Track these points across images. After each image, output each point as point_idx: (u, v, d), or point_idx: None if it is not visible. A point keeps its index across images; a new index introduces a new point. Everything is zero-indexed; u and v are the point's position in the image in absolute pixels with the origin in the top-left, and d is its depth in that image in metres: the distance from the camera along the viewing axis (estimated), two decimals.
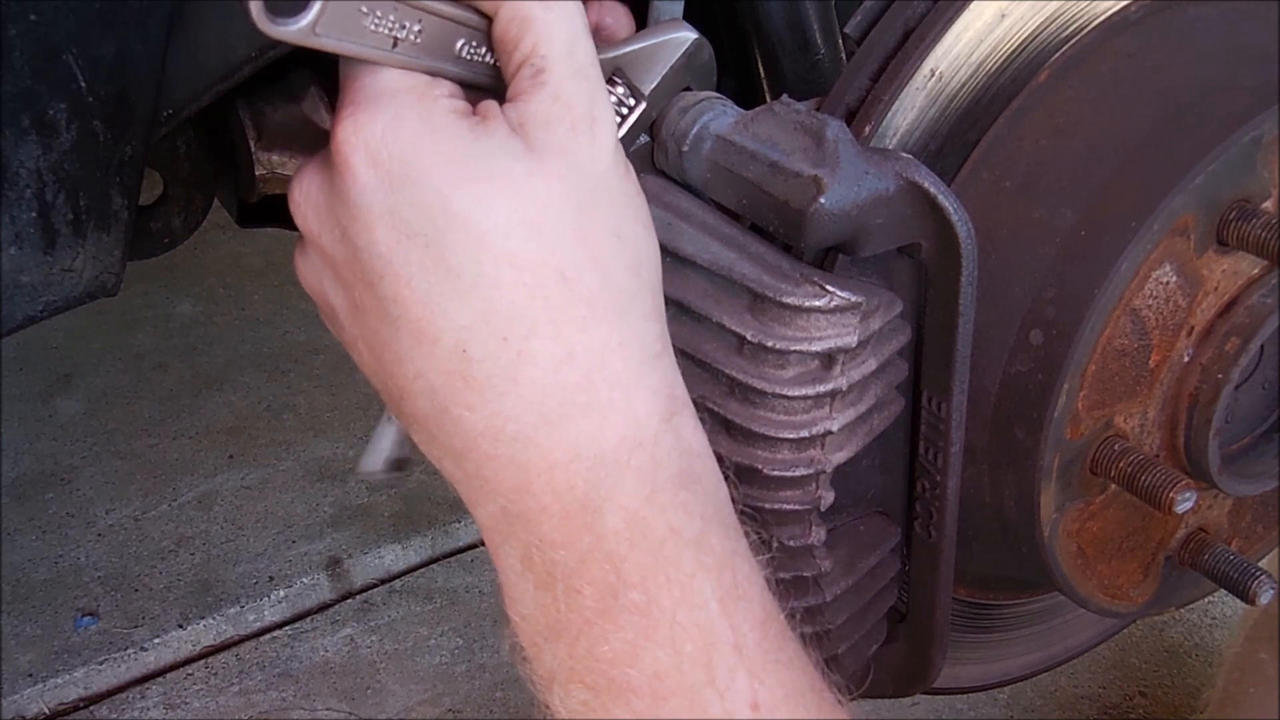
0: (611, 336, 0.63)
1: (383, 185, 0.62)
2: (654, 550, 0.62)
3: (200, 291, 2.89)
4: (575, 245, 0.62)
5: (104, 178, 0.76)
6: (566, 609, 0.63)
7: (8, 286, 0.75)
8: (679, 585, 0.62)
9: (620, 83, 0.72)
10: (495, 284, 0.61)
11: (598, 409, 0.62)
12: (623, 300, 0.63)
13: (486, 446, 0.63)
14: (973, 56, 0.75)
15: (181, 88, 0.81)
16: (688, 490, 0.64)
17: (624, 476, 0.62)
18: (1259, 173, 0.75)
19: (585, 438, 0.62)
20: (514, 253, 0.61)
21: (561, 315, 0.62)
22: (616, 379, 0.63)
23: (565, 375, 0.62)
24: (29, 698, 1.99)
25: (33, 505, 2.34)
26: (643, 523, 0.62)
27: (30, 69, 0.69)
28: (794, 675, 0.65)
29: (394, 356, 0.64)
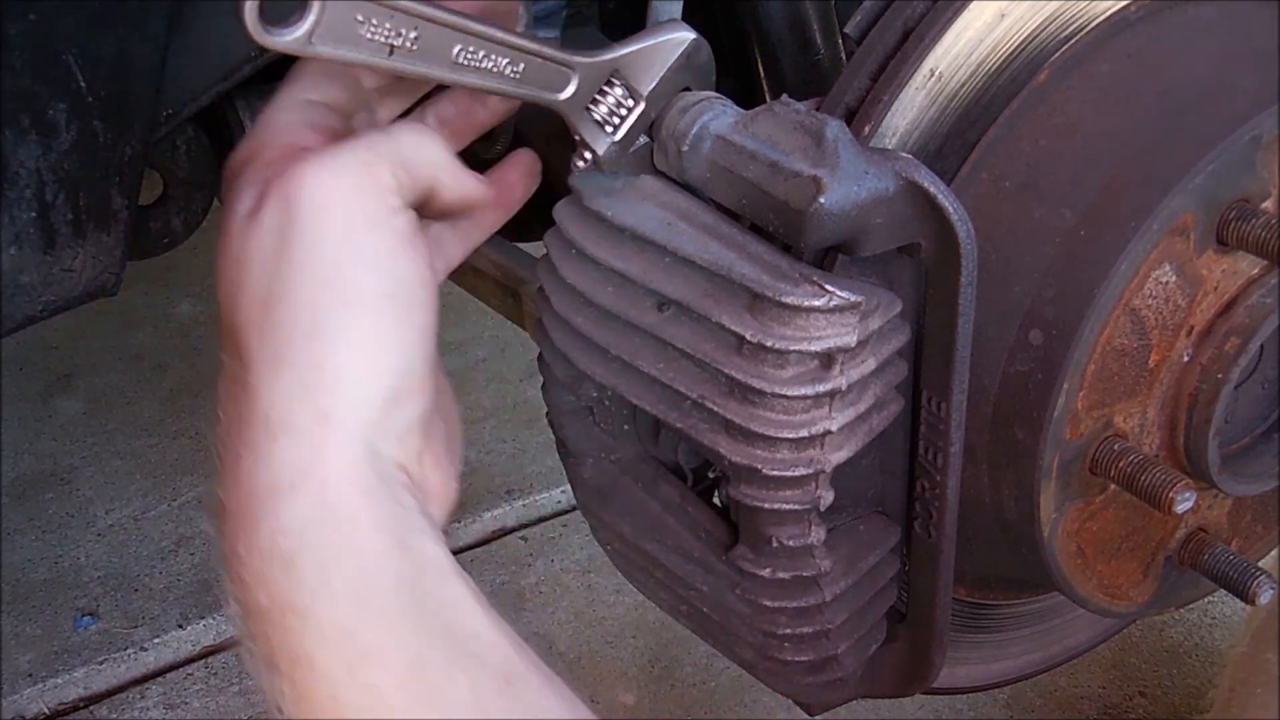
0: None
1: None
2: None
3: (200, 291, 2.89)
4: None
5: (104, 178, 0.76)
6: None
7: (8, 286, 0.75)
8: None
9: (618, 84, 0.72)
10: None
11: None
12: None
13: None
14: (972, 56, 0.75)
15: (181, 88, 0.81)
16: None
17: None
18: (1259, 173, 0.75)
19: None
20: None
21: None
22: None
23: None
24: (29, 698, 1.99)
25: (33, 505, 2.34)
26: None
27: (30, 69, 0.70)
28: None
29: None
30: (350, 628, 0.62)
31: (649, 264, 0.72)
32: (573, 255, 0.76)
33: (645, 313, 0.73)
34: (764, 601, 0.76)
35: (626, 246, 0.73)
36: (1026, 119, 0.77)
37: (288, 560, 0.63)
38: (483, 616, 0.67)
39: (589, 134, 0.73)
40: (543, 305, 0.79)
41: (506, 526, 2.32)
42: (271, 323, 0.67)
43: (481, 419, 2.52)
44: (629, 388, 0.75)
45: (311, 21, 0.61)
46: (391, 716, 0.62)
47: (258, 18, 0.60)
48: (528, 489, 2.38)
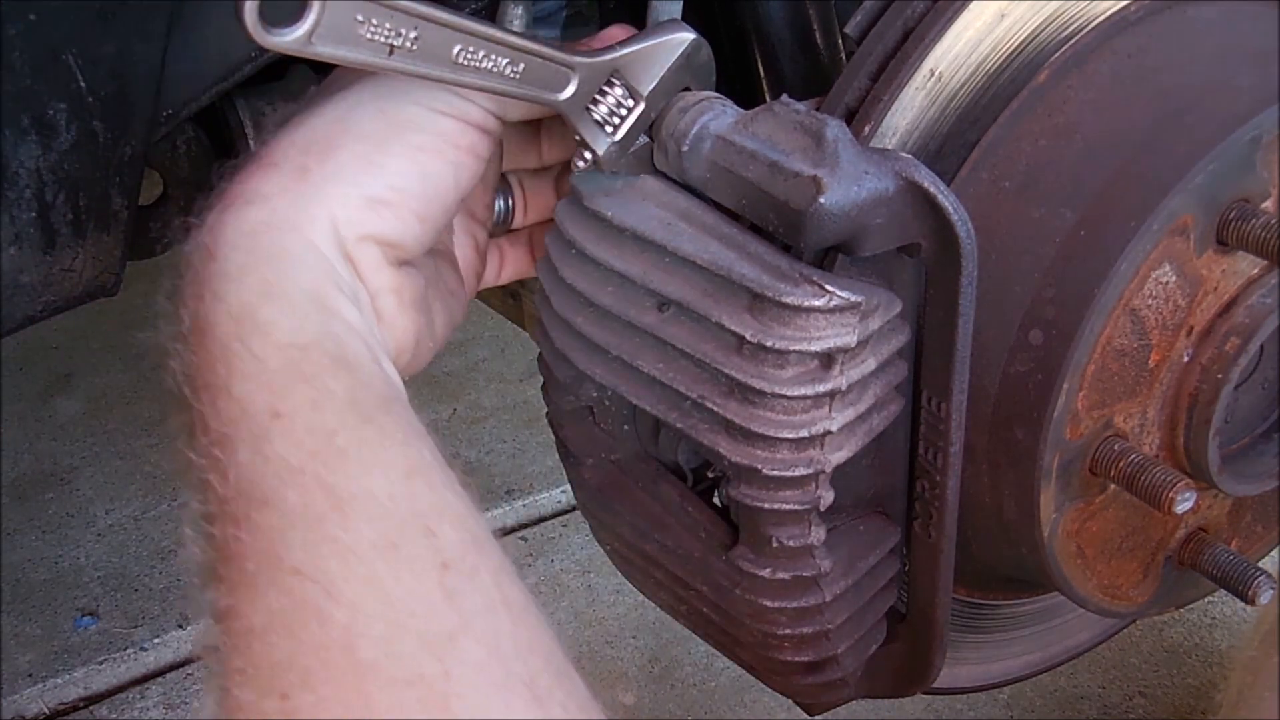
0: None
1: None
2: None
3: None
4: None
5: (104, 178, 0.76)
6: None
7: (8, 286, 0.75)
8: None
9: (618, 84, 0.72)
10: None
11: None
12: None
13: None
14: (972, 56, 0.75)
15: (181, 88, 0.81)
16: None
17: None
18: (1259, 173, 0.75)
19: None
20: None
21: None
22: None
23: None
24: (29, 698, 1.99)
25: (33, 505, 2.34)
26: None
27: (30, 69, 0.70)
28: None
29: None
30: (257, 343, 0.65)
31: (649, 264, 0.72)
32: (573, 255, 0.76)
33: (645, 313, 0.73)
34: (764, 602, 0.76)
35: (627, 246, 0.73)
36: (1026, 119, 0.77)
37: (225, 269, 0.66)
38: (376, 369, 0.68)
39: (589, 134, 0.73)
40: (543, 305, 0.79)
41: (506, 526, 2.32)
42: (328, 99, 0.73)
43: (481, 419, 2.52)
44: (629, 388, 0.75)
45: (311, 22, 0.61)
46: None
47: (257, 18, 0.60)
48: (528, 489, 2.38)
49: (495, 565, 0.63)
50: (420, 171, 0.72)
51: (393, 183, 0.71)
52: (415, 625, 0.58)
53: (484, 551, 0.63)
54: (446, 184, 0.73)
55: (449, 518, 0.62)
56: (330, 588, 0.57)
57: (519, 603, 0.63)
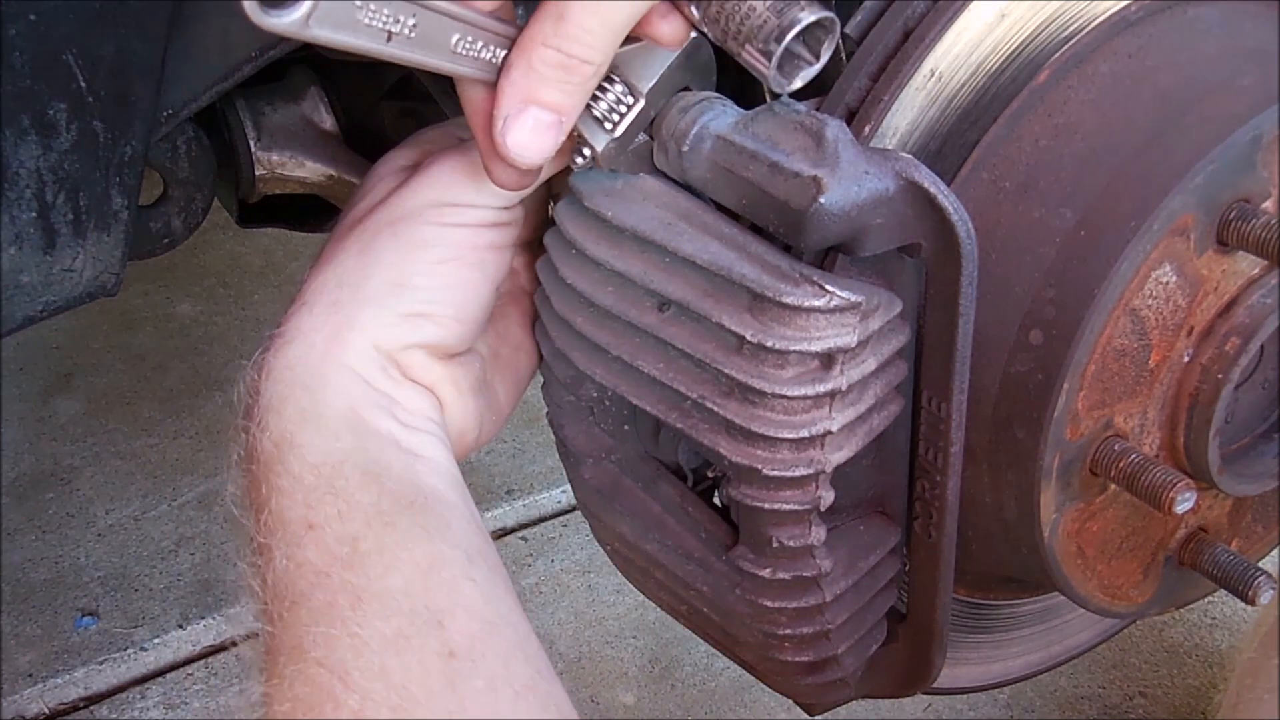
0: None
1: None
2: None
3: (200, 291, 2.89)
4: None
5: (104, 178, 0.76)
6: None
7: (8, 286, 0.75)
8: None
9: (618, 80, 0.72)
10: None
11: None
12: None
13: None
14: (973, 56, 0.75)
15: (181, 88, 0.81)
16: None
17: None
18: (1259, 173, 0.75)
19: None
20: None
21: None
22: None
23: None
24: (29, 698, 1.99)
25: (33, 505, 2.34)
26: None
27: (30, 69, 0.69)
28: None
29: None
30: (303, 481, 0.71)
31: (649, 264, 0.72)
32: (573, 255, 0.76)
33: (645, 313, 0.73)
34: (764, 602, 0.76)
35: (627, 246, 0.73)
36: (1026, 119, 0.77)
37: (269, 402, 0.74)
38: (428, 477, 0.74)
39: (588, 130, 0.73)
40: (543, 305, 0.79)
41: (506, 526, 2.32)
42: (349, 235, 0.79)
43: None
44: (629, 388, 0.75)
45: (309, 4, 0.61)
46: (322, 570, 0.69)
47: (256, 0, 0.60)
48: (528, 489, 2.38)
49: (504, 648, 0.69)
50: (446, 283, 0.77)
51: (423, 298, 0.76)
52: (417, 710, 0.64)
53: (493, 636, 0.69)
54: (475, 284, 0.78)
55: (461, 608, 0.69)
56: (345, 677, 0.65)
57: (524, 682, 0.69)
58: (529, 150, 0.69)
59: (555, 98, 0.68)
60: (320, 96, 1.20)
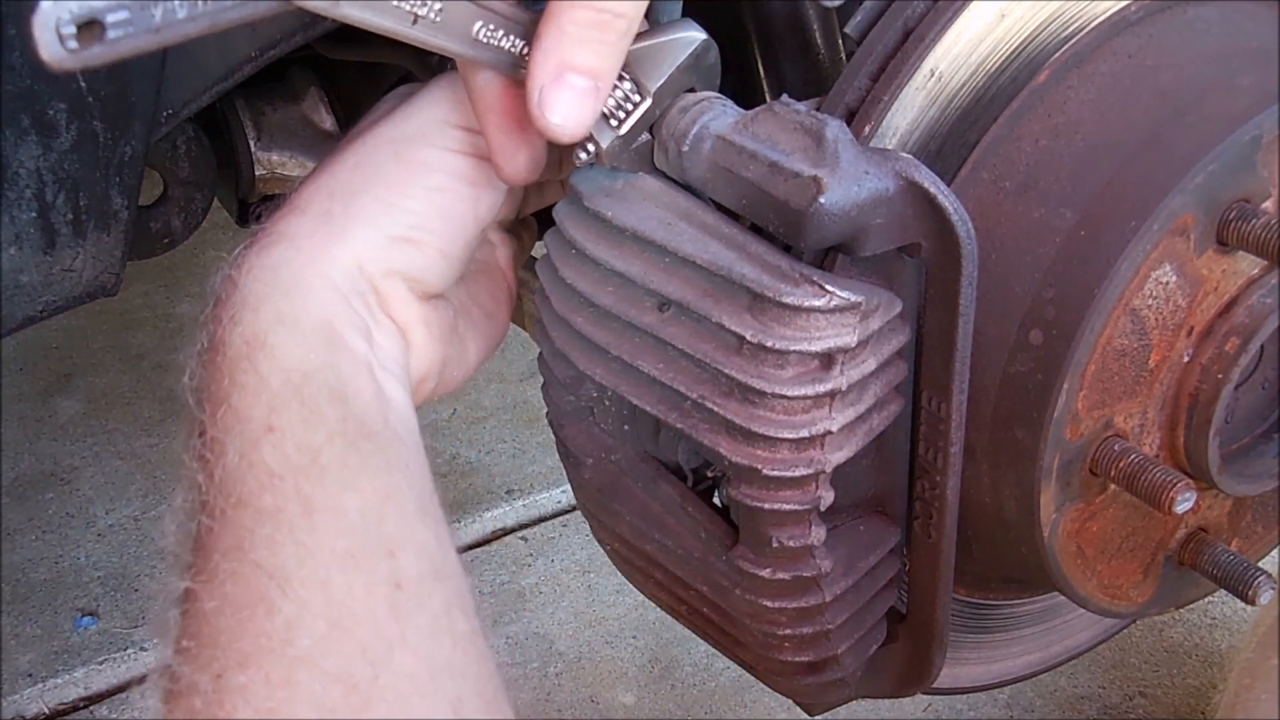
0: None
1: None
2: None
3: (200, 291, 2.88)
4: None
5: (104, 178, 0.76)
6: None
7: (8, 286, 0.75)
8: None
9: (626, 78, 0.72)
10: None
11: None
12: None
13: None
14: (973, 56, 0.75)
15: (181, 88, 0.81)
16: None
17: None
18: (1259, 173, 0.75)
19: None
20: None
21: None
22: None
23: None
24: (29, 698, 1.99)
25: (33, 505, 2.34)
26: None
27: (30, 69, 0.70)
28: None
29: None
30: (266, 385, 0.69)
31: (649, 264, 0.72)
32: (573, 255, 0.76)
33: (645, 313, 0.73)
34: (764, 602, 0.76)
35: (627, 246, 0.73)
36: (1026, 119, 0.77)
37: (244, 298, 0.71)
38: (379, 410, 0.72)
39: (595, 126, 0.73)
40: (543, 305, 0.79)
41: (506, 526, 2.32)
42: (348, 147, 0.77)
43: (481, 419, 2.52)
44: (629, 388, 0.75)
45: None
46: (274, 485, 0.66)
47: None
48: (528, 489, 2.38)
49: (449, 596, 0.67)
50: (438, 211, 0.75)
51: (413, 222, 0.74)
52: (356, 630, 0.62)
53: (441, 581, 0.67)
54: (466, 219, 0.77)
55: (413, 546, 0.67)
56: (284, 583, 0.62)
57: (464, 632, 0.67)
58: (569, 120, 0.67)
59: (590, 60, 0.66)
60: (320, 96, 1.20)
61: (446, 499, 0.73)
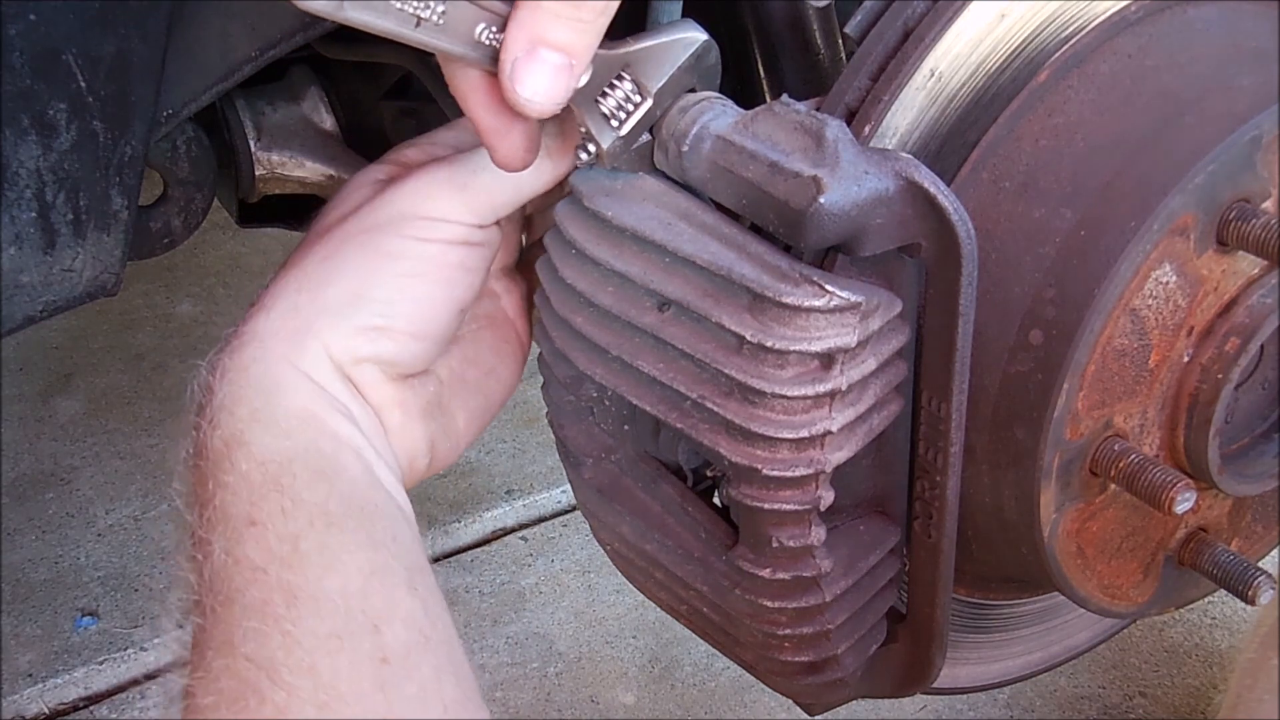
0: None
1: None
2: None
3: (200, 291, 2.89)
4: None
5: (104, 178, 0.76)
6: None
7: (8, 286, 0.75)
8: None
9: (627, 78, 0.72)
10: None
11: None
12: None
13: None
14: (973, 56, 0.75)
15: (181, 88, 0.81)
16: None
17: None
18: (1259, 173, 0.75)
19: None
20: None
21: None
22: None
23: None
24: (29, 698, 1.99)
25: (33, 505, 2.34)
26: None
27: (30, 69, 0.69)
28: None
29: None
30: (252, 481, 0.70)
31: (649, 264, 0.72)
32: (573, 255, 0.76)
33: (645, 313, 0.73)
34: (764, 602, 0.76)
35: (627, 246, 0.73)
36: (1026, 119, 0.77)
37: (221, 401, 0.73)
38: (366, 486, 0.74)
39: (595, 126, 0.73)
40: (543, 305, 0.79)
41: (506, 526, 2.32)
42: (317, 241, 0.78)
43: None
44: (629, 388, 0.75)
45: None
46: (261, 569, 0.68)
47: None
48: (528, 489, 2.38)
49: (438, 663, 0.69)
50: (409, 297, 0.76)
51: (382, 311, 0.75)
52: (344, 710, 0.64)
53: (429, 650, 0.69)
54: (438, 303, 0.77)
55: (400, 617, 0.68)
56: (273, 673, 0.64)
57: (455, 699, 0.68)
58: (540, 94, 0.66)
59: (564, 37, 0.66)
60: (320, 96, 1.20)
61: (446, 499, 0.73)
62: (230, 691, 0.64)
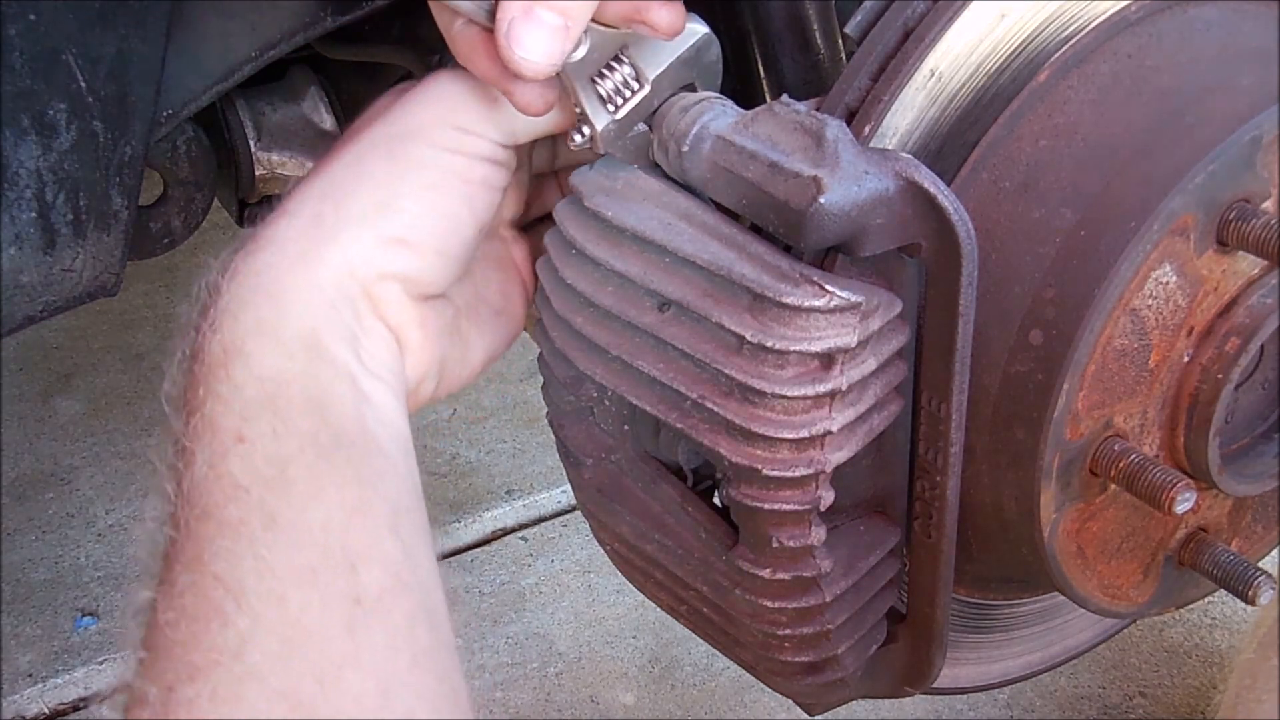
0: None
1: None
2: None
3: None
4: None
5: (104, 178, 0.76)
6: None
7: (8, 286, 0.75)
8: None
9: (626, 62, 0.72)
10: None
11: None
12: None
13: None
14: (973, 56, 0.75)
15: (181, 88, 0.81)
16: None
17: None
18: (1259, 173, 0.75)
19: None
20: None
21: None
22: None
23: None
24: (29, 698, 1.99)
25: (33, 505, 2.34)
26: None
27: (30, 69, 0.70)
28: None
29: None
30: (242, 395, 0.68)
31: (649, 264, 0.72)
32: (573, 255, 0.76)
33: (645, 313, 0.73)
34: (764, 602, 0.76)
35: (627, 246, 0.73)
36: (1026, 119, 0.77)
37: (227, 304, 0.70)
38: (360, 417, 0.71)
39: (591, 107, 0.73)
40: (543, 305, 0.79)
41: (506, 526, 2.32)
42: (343, 148, 0.76)
43: (481, 419, 2.52)
44: (629, 388, 0.75)
45: None
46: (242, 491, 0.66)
47: None
48: (528, 489, 2.38)
49: (412, 609, 0.66)
50: (433, 210, 0.74)
51: (406, 222, 0.73)
52: (308, 648, 0.61)
53: (404, 595, 0.66)
54: (461, 218, 0.75)
55: (377, 559, 0.66)
56: (240, 597, 0.61)
57: (426, 647, 0.66)
58: (535, 53, 0.66)
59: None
60: (320, 96, 1.20)
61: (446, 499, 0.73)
62: (193, 610, 0.62)
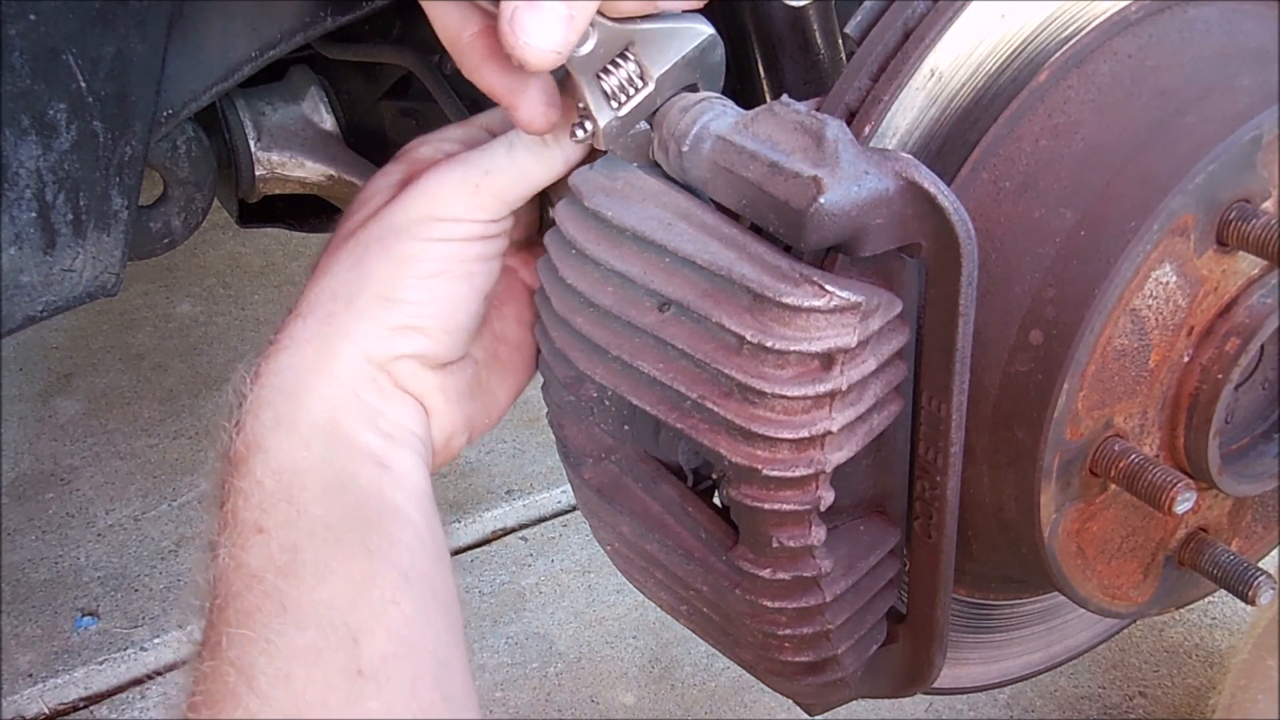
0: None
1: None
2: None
3: (200, 291, 2.89)
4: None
5: (104, 178, 0.76)
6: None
7: (8, 286, 0.75)
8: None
9: (631, 59, 0.72)
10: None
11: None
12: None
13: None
14: (973, 56, 0.75)
15: (181, 88, 0.81)
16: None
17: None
18: (1259, 173, 0.75)
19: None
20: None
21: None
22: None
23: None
24: (29, 698, 1.99)
25: (33, 505, 2.34)
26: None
27: (30, 69, 0.69)
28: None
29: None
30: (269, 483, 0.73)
31: (649, 264, 0.72)
32: (573, 255, 0.76)
33: (645, 313, 0.73)
34: (764, 602, 0.76)
35: (627, 246, 0.73)
36: (1026, 119, 0.77)
37: (249, 406, 0.76)
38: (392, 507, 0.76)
39: (595, 103, 0.73)
40: (543, 305, 0.80)
41: (506, 526, 2.32)
42: (343, 247, 0.81)
43: None
44: (629, 388, 0.75)
45: None
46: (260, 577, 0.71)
47: None
48: (528, 489, 2.38)
49: (414, 673, 0.71)
50: (435, 296, 0.79)
51: (411, 311, 0.78)
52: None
53: (407, 659, 0.71)
54: (464, 294, 0.80)
55: (382, 628, 0.70)
56: (251, 680, 0.66)
57: (431, 703, 0.71)
58: (539, 40, 0.66)
59: None
60: (320, 96, 1.20)
61: (446, 499, 0.74)
62: (211, 693, 0.67)
